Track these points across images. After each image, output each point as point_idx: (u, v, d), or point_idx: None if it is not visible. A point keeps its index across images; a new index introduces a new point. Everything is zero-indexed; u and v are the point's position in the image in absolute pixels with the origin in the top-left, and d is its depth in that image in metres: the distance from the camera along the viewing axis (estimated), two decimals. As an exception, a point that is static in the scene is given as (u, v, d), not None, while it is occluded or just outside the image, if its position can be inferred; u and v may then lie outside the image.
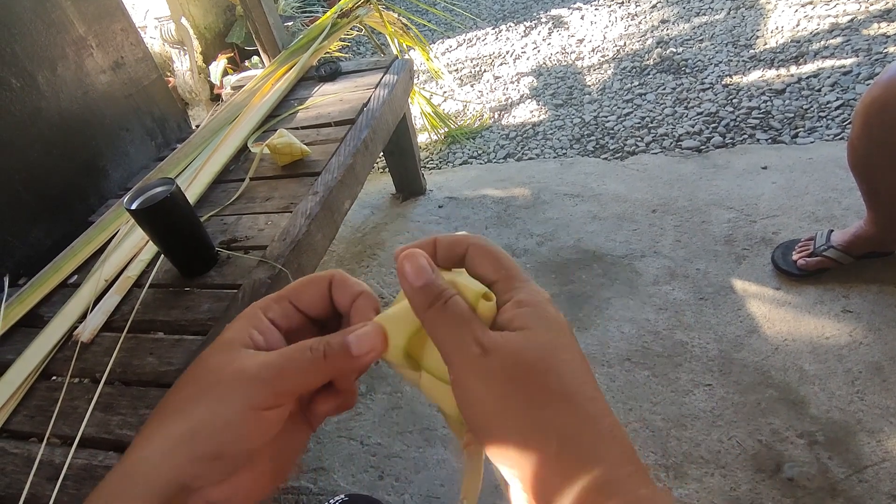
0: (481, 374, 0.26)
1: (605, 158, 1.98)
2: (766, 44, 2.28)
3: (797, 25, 2.31)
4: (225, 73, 2.79)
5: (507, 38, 3.01)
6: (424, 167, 2.21)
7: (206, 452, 0.26)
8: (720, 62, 2.25)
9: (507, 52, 2.87)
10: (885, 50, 2.00)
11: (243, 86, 1.71)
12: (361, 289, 0.31)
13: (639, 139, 2.01)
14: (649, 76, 2.33)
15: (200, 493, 0.27)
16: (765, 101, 1.98)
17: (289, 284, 0.32)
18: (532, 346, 0.26)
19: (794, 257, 1.33)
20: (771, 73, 2.10)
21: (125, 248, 1.13)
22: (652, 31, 2.65)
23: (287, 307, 0.31)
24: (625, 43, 2.63)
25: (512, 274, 0.29)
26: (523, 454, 0.24)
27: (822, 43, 2.15)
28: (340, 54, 2.04)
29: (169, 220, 0.95)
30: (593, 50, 2.66)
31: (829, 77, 1.97)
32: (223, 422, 0.27)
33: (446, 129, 2.33)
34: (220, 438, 0.27)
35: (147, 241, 1.12)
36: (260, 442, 0.28)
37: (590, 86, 2.40)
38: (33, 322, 1.03)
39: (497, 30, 3.12)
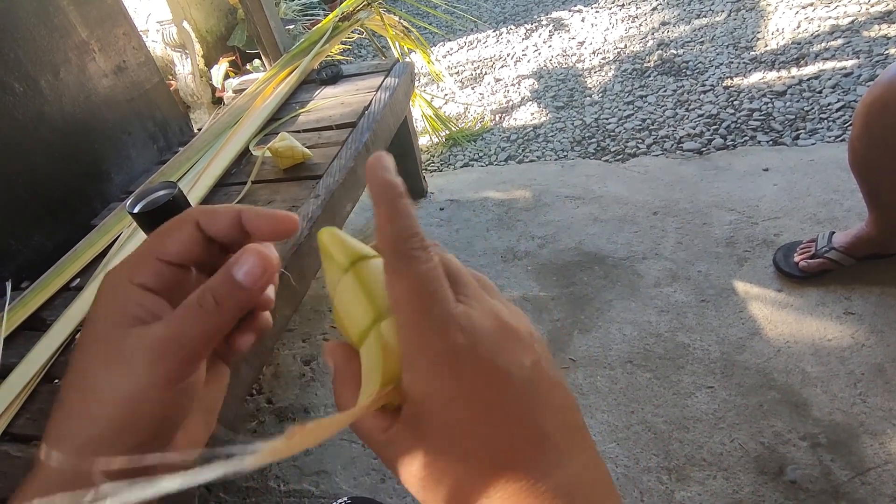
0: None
1: (606, 160, 1.98)
2: (766, 46, 2.28)
3: (798, 27, 2.31)
4: (226, 77, 2.80)
5: (508, 41, 3.01)
6: (425, 170, 2.21)
7: (136, 445, 0.25)
8: (721, 64, 2.26)
9: (508, 55, 2.88)
10: (886, 51, 2.00)
11: (245, 89, 1.71)
12: (236, 209, 0.28)
13: (640, 141, 2.01)
14: (650, 78, 2.33)
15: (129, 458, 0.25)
16: (766, 103, 1.98)
17: (148, 238, 0.28)
18: (427, 451, 0.24)
19: (796, 259, 1.33)
20: (772, 75, 2.10)
21: (127, 251, 1.14)
22: (652, 34, 2.66)
23: (154, 265, 0.27)
24: (625, 45, 2.64)
25: (420, 308, 0.24)
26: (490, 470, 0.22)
27: (823, 45, 2.15)
28: (342, 57, 2.04)
29: (171, 224, 0.95)
30: (594, 52, 2.66)
31: (830, 79, 1.97)
32: (142, 413, 0.25)
33: (447, 132, 2.33)
34: (151, 424, 0.25)
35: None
36: (188, 406, 0.27)
37: (591, 88, 2.41)
38: (36, 326, 1.03)
39: (498, 32, 3.13)
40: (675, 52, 2.44)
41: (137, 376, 0.24)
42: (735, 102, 2.03)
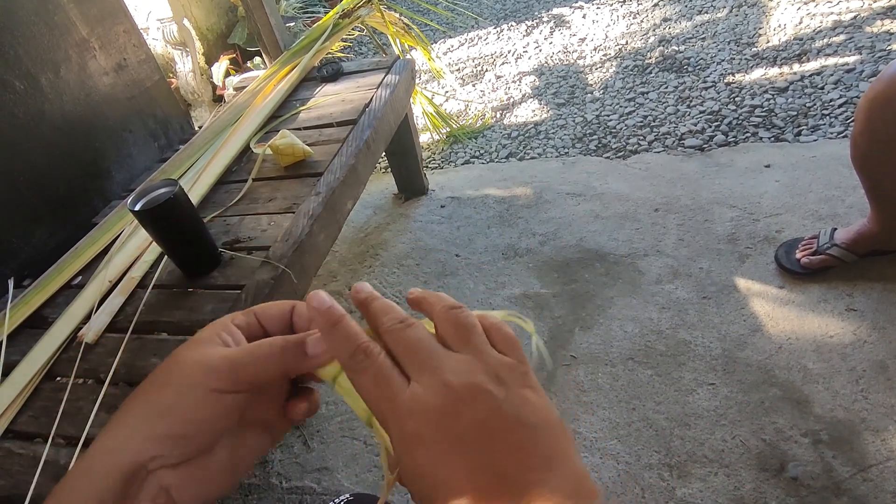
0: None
1: (608, 157, 1.98)
2: (768, 42, 2.28)
3: (800, 23, 2.30)
4: (227, 74, 2.80)
5: (509, 38, 3.00)
6: (426, 167, 2.21)
7: (166, 431, 0.29)
8: (722, 60, 2.25)
9: (509, 52, 2.87)
10: (889, 47, 1.99)
11: (245, 87, 1.71)
12: (289, 306, 0.35)
13: (641, 138, 2.01)
14: (651, 75, 2.33)
15: (157, 475, 0.28)
16: (768, 100, 1.97)
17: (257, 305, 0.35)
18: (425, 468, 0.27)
19: (798, 256, 1.33)
20: (774, 71, 2.10)
21: (129, 249, 1.14)
22: (654, 30, 2.65)
23: (252, 320, 0.34)
24: (627, 41, 2.63)
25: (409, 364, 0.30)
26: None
27: (825, 41, 2.14)
28: (342, 55, 2.04)
29: (172, 222, 0.95)
30: (595, 49, 2.65)
31: (832, 75, 1.96)
32: (184, 402, 0.29)
33: (448, 129, 2.33)
34: (180, 418, 0.29)
35: (151, 243, 1.13)
36: (218, 426, 0.30)
37: (592, 85, 2.40)
38: (38, 323, 1.03)
39: (499, 29, 3.12)
40: (677, 49, 2.43)
41: (196, 373, 0.30)
42: (737, 99, 2.03)
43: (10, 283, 1.13)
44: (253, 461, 0.35)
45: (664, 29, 2.63)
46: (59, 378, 0.91)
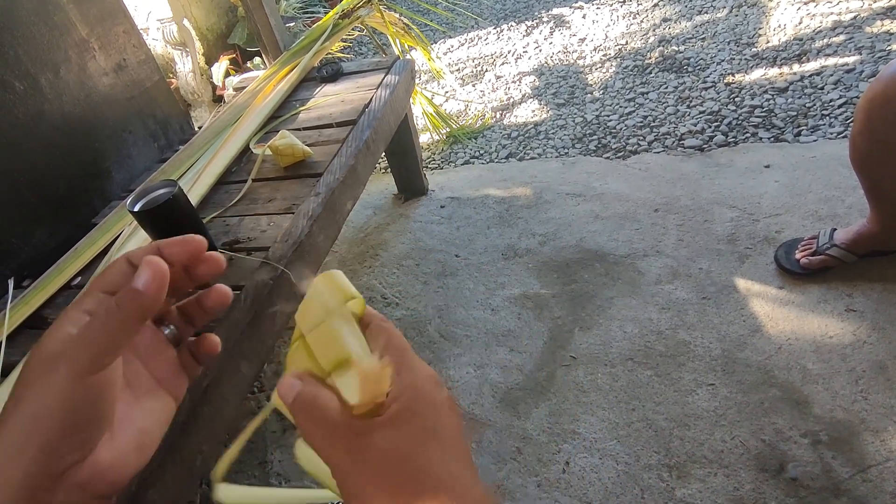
0: (357, 465, 0.28)
1: (608, 158, 1.98)
2: (768, 42, 2.28)
3: (800, 23, 2.30)
4: (227, 75, 2.80)
5: (509, 38, 3.00)
6: (426, 167, 2.21)
7: (54, 434, 0.27)
8: (722, 60, 2.25)
9: (509, 52, 2.87)
10: (889, 47, 1.99)
11: (245, 87, 1.71)
12: (154, 245, 0.34)
13: (641, 138, 2.01)
14: (651, 75, 2.33)
15: (66, 477, 0.28)
16: (767, 100, 1.97)
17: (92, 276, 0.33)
18: (403, 439, 0.29)
19: (798, 256, 1.33)
20: (773, 72, 2.10)
21: (128, 249, 1.14)
22: (654, 30, 2.65)
23: (97, 296, 0.32)
24: (626, 41, 2.63)
25: (400, 356, 0.32)
26: None
27: (825, 41, 2.14)
28: (342, 55, 2.04)
29: (171, 222, 0.95)
30: (595, 49, 2.65)
31: (832, 75, 1.96)
32: (56, 398, 0.28)
33: (448, 129, 2.33)
34: (60, 416, 0.28)
35: (150, 243, 1.13)
36: (101, 407, 0.29)
37: (592, 85, 2.40)
38: (37, 324, 1.03)
39: (498, 29, 3.12)
40: (677, 49, 2.43)
41: (55, 365, 0.28)
42: (736, 99, 2.03)
43: (10, 283, 1.13)
44: (162, 429, 0.34)
45: (664, 29, 2.63)
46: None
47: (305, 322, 0.34)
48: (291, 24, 2.93)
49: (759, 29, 2.37)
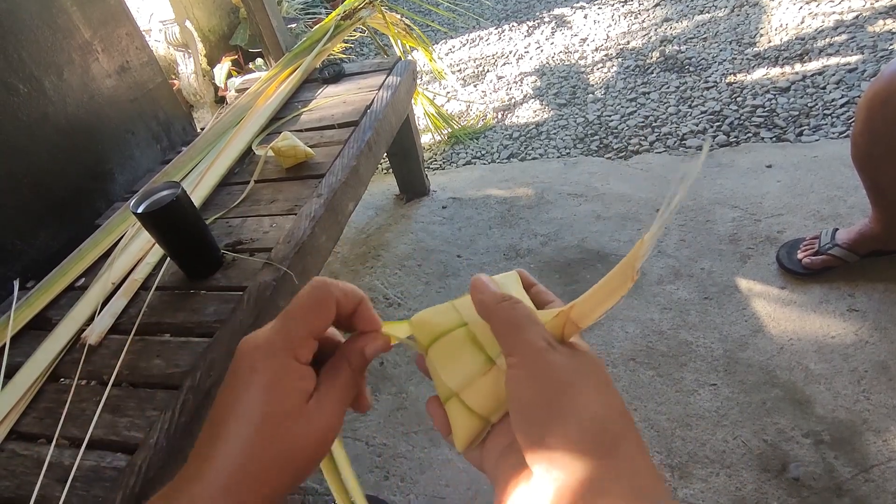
0: (543, 365, 0.29)
1: (609, 158, 1.98)
2: (770, 41, 2.27)
3: (801, 23, 2.30)
4: (229, 76, 2.81)
5: (510, 38, 3.00)
6: (428, 168, 2.21)
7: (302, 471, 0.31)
8: (724, 60, 2.25)
9: (511, 52, 2.87)
10: (891, 46, 1.99)
11: (247, 88, 1.72)
12: (360, 297, 0.35)
13: (642, 138, 2.01)
14: (653, 75, 2.33)
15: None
16: (769, 100, 1.97)
17: (302, 313, 0.32)
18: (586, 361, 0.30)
19: (799, 256, 1.33)
20: (775, 71, 2.09)
21: (132, 251, 1.14)
22: (655, 30, 2.65)
23: (312, 344, 0.33)
24: (628, 41, 2.63)
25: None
26: (570, 454, 0.26)
27: (827, 40, 2.14)
28: (344, 56, 2.04)
29: (174, 224, 0.95)
30: (596, 49, 2.65)
31: (833, 74, 1.96)
32: (328, 440, 0.32)
33: (449, 130, 2.33)
34: (314, 457, 0.31)
35: (153, 245, 1.13)
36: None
37: (593, 85, 2.40)
38: (42, 325, 1.04)
39: (500, 29, 3.12)
40: (678, 49, 2.43)
41: (329, 415, 0.32)
42: (738, 99, 2.03)
43: (16, 284, 1.14)
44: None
45: (665, 29, 2.62)
46: (62, 380, 0.92)
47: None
48: (293, 26, 2.93)
49: (761, 28, 2.37)
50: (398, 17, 1.99)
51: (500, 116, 2.40)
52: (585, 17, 2.98)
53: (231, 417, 0.29)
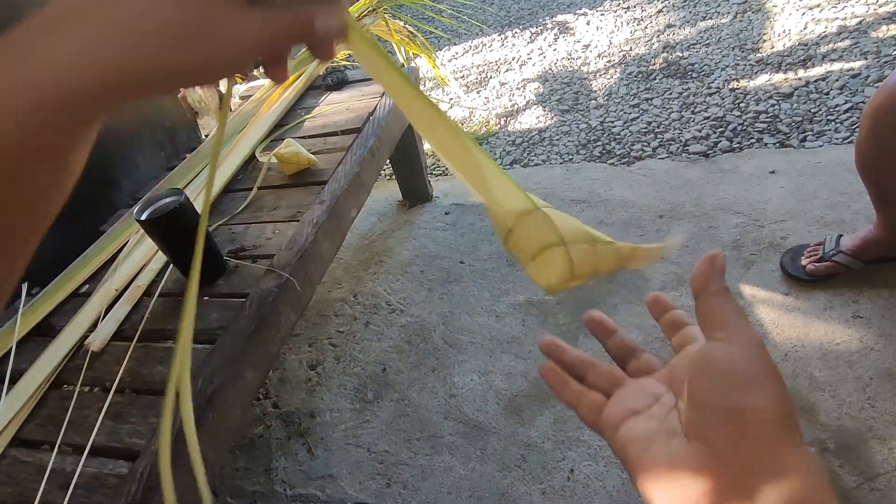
0: (756, 349, 0.31)
1: (612, 164, 1.98)
2: (773, 47, 2.27)
3: (804, 28, 2.30)
4: (233, 83, 2.82)
5: (513, 45, 3.02)
6: (431, 174, 2.22)
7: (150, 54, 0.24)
8: (727, 66, 2.25)
9: (513, 59, 2.88)
10: (895, 52, 1.98)
11: (251, 95, 1.73)
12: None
13: (645, 144, 2.01)
14: (655, 81, 2.33)
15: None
16: (772, 105, 1.97)
17: None
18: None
19: (804, 262, 1.32)
20: (778, 77, 2.09)
21: (135, 257, 1.15)
22: (658, 36, 2.65)
23: None
24: (631, 48, 2.63)
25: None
26: (766, 428, 0.28)
27: (830, 46, 2.14)
28: (347, 63, 2.05)
29: (178, 231, 0.96)
30: (599, 55, 2.66)
31: (837, 80, 1.96)
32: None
33: (453, 136, 2.33)
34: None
35: (157, 251, 1.14)
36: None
37: (596, 91, 2.40)
38: (45, 331, 1.04)
39: (503, 36, 3.13)
40: (681, 55, 2.43)
41: (243, 30, 0.25)
42: (741, 105, 2.02)
43: (24, 287, 1.14)
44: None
45: (668, 35, 2.63)
46: (65, 386, 0.92)
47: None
48: (297, 33, 2.95)
49: (764, 34, 2.37)
50: (401, 24, 2.00)
51: (502, 123, 2.41)
52: (588, 23, 2.99)
53: None
